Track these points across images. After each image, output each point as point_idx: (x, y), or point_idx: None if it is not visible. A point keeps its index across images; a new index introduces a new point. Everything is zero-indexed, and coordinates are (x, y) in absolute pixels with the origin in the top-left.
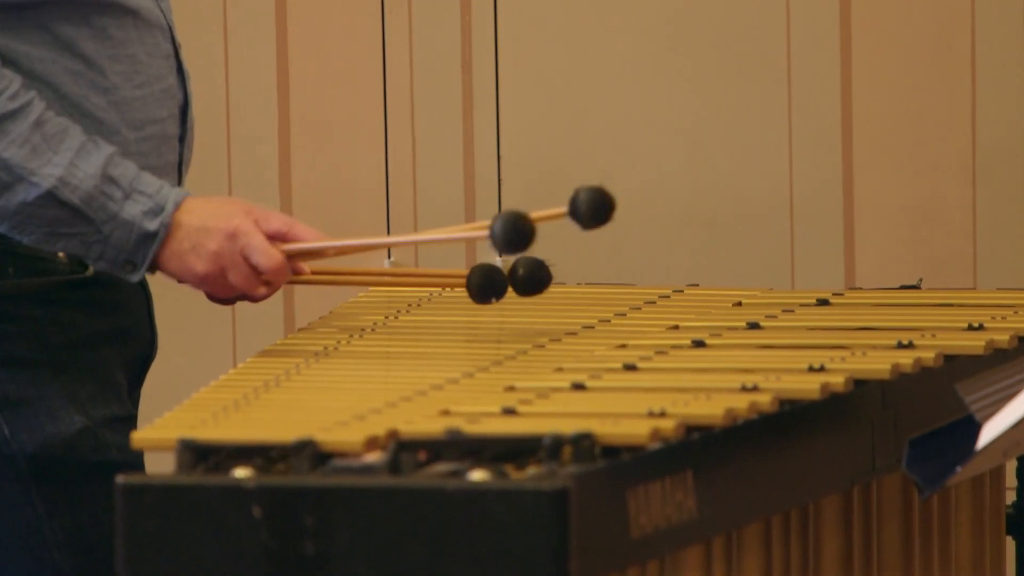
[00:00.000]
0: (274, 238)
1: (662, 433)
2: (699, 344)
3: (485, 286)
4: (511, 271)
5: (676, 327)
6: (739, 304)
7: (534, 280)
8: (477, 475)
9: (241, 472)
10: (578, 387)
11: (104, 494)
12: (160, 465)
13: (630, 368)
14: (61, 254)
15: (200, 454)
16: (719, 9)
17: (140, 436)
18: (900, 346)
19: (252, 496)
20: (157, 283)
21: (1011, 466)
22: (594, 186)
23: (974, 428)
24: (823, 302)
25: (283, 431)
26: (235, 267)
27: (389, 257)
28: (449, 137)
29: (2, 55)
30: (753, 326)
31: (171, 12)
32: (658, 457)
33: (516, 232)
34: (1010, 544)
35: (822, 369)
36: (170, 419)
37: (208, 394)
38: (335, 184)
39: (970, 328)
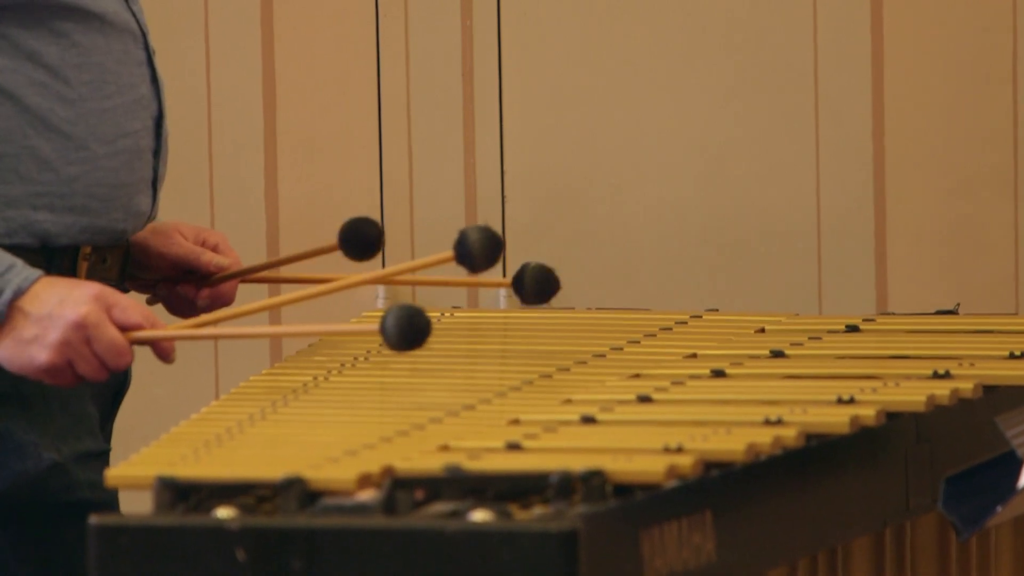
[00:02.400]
0: (129, 328)
1: (679, 470)
2: (719, 374)
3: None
4: (515, 278)
5: (694, 355)
6: (762, 331)
7: (541, 289)
8: (479, 516)
9: (224, 512)
10: (588, 420)
11: (76, 536)
12: (136, 505)
13: (644, 400)
14: None
15: (180, 493)
16: (740, 13)
17: (115, 473)
18: (936, 376)
19: (236, 538)
20: None
21: None
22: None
23: (1015, 464)
24: (853, 328)
25: (269, 468)
26: (82, 359)
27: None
28: (449, 152)
29: None
30: (777, 354)
31: (143, 15)
32: (674, 496)
33: (410, 328)
34: None
35: (852, 401)
36: (147, 455)
37: (188, 428)
38: (325, 203)
39: (1012, 356)
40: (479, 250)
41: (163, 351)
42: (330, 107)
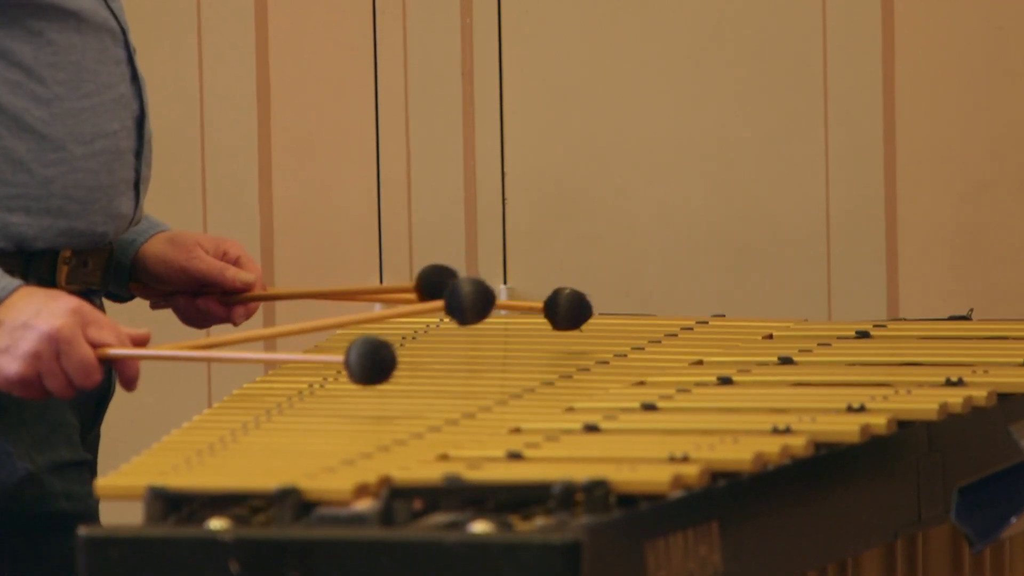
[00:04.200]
0: (100, 346)
1: (684, 480)
2: (726, 381)
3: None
4: (548, 303)
5: (700, 362)
6: (770, 337)
7: (574, 315)
8: (479, 527)
9: (217, 523)
10: (591, 429)
11: (53, 549)
12: (118, 516)
13: (649, 408)
14: None
15: (172, 503)
16: (748, 13)
17: (105, 483)
18: (949, 383)
19: (229, 550)
20: (122, 309)
21: None
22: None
23: None
24: (863, 335)
25: (263, 478)
26: (51, 373)
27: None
28: (448, 153)
29: None
30: (785, 361)
31: (123, 12)
32: (680, 507)
33: (374, 361)
34: None
35: (862, 409)
36: (138, 464)
37: (180, 437)
38: (321, 206)
39: None
40: (471, 304)
41: (127, 378)
42: (326, 106)
